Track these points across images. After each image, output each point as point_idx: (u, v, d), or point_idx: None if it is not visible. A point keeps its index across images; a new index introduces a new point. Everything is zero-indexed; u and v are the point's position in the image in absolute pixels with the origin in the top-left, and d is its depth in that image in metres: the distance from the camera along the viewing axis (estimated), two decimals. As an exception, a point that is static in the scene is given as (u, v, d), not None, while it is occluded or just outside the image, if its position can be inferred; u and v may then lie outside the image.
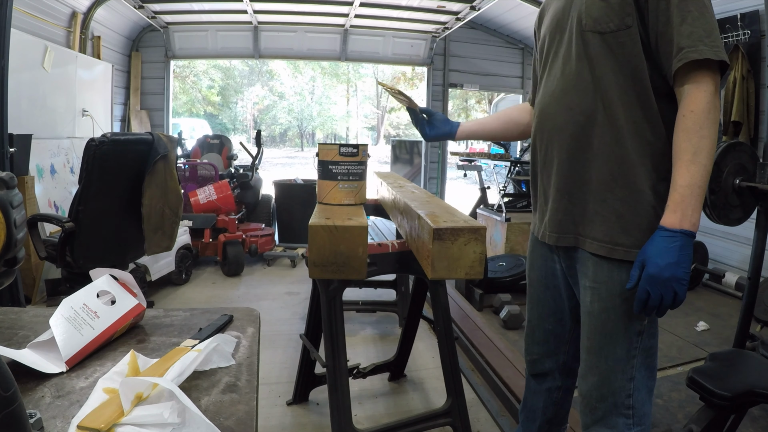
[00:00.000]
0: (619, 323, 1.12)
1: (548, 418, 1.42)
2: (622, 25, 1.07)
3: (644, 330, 1.13)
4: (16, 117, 3.08)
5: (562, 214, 1.19)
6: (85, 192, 2.35)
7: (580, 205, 1.16)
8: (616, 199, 1.10)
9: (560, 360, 1.38)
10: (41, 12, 4.02)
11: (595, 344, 1.15)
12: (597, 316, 1.14)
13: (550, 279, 1.33)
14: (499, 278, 3.59)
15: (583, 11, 1.11)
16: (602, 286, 1.13)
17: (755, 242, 2.46)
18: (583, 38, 1.12)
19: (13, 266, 0.53)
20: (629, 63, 1.08)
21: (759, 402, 1.42)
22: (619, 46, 1.08)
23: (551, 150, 1.21)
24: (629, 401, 1.14)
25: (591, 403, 1.18)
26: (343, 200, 1.81)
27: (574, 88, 1.14)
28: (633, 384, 1.14)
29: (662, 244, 1.01)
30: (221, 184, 4.38)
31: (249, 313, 1.04)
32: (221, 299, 3.62)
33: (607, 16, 1.08)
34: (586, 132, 1.13)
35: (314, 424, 2.05)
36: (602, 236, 1.12)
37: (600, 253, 1.12)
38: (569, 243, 1.19)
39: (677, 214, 1.01)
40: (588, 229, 1.14)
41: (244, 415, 0.69)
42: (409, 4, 5.26)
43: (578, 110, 1.14)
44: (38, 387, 0.73)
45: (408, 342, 2.29)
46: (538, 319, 1.38)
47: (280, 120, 23.45)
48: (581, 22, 1.12)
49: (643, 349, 1.14)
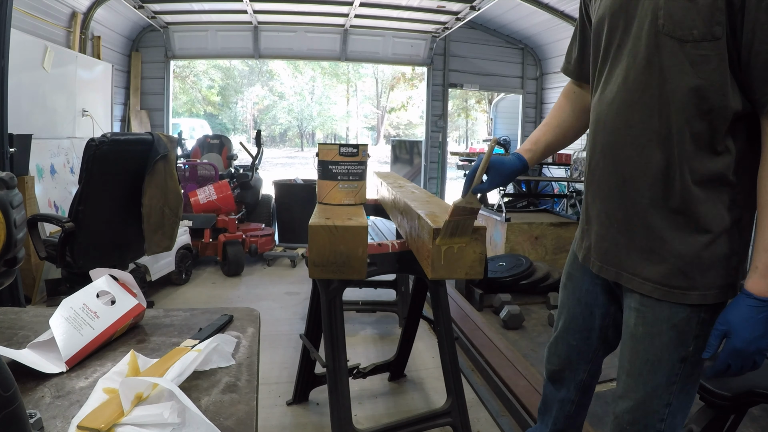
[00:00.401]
0: (664, 350, 1.02)
1: (558, 429, 1.39)
2: (709, 34, 0.87)
3: (688, 357, 1.02)
4: (16, 117, 3.08)
5: (607, 243, 1.07)
6: (85, 192, 2.35)
7: (630, 238, 1.03)
8: (676, 239, 0.97)
9: (579, 377, 1.32)
10: (41, 12, 4.02)
11: (635, 369, 1.06)
12: (640, 340, 1.05)
13: (583, 295, 1.25)
14: (499, 278, 3.59)
15: (662, 6, 0.90)
16: (649, 310, 1.03)
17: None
18: (657, 41, 0.92)
19: (13, 266, 0.53)
20: (709, 81, 0.90)
21: (759, 402, 1.42)
22: (702, 60, 0.89)
23: (600, 166, 1.07)
24: (661, 425, 1.06)
25: (621, 425, 1.10)
26: (343, 200, 1.81)
27: (638, 103, 0.97)
28: (669, 410, 1.05)
29: (750, 315, 0.90)
30: (221, 184, 4.38)
31: (249, 313, 1.04)
32: (221, 299, 3.62)
33: (691, 20, 0.88)
34: (644, 155, 0.97)
35: (314, 424, 2.05)
36: (657, 278, 1.00)
37: (653, 296, 1.00)
38: (611, 277, 1.08)
39: (765, 281, 0.90)
40: (639, 267, 1.02)
41: (244, 415, 0.69)
42: (409, 4, 5.26)
43: (639, 129, 0.97)
44: (38, 387, 0.73)
45: (408, 342, 2.29)
46: (563, 331, 1.31)
47: (280, 120, 23.45)
48: (656, 19, 0.91)
49: (686, 375, 1.03)
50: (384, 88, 22.96)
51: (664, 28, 0.91)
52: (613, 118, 1.02)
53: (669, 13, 0.90)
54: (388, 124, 23.96)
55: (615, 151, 1.02)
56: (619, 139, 1.01)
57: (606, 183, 1.06)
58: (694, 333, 1.00)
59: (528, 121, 7.11)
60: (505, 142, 5.13)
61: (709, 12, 0.87)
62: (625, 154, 1.00)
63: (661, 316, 1.01)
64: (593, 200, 1.10)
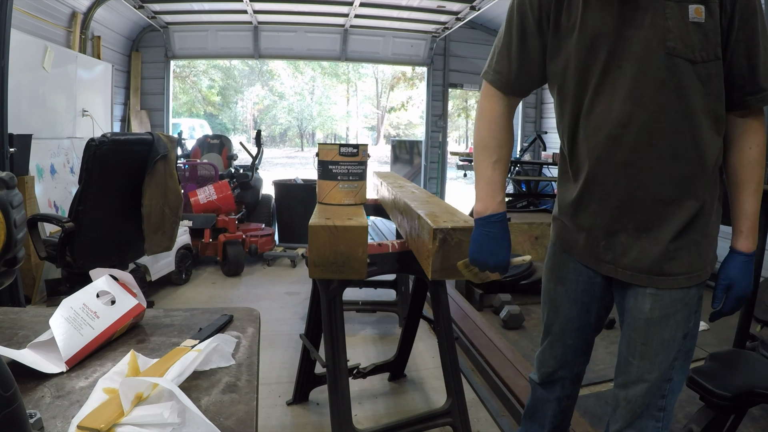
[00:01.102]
0: (676, 329, 1.12)
1: (555, 425, 1.40)
2: (714, 56, 1.00)
3: (689, 332, 1.14)
4: (16, 117, 3.08)
5: (637, 253, 1.12)
6: (85, 192, 2.35)
7: (659, 245, 1.10)
8: (696, 232, 1.10)
9: (574, 371, 1.35)
10: (41, 12, 4.02)
11: (651, 350, 1.12)
12: (657, 322, 1.12)
13: (580, 295, 1.27)
14: (499, 278, 3.58)
15: (672, 29, 0.99)
16: (666, 293, 1.11)
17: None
18: (669, 62, 1.00)
19: (13, 266, 0.53)
20: (714, 95, 1.03)
21: (759, 402, 1.42)
22: (708, 79, 1.01)
23: (620, 185, 1.10)
24: (662, 402, 1.14)
25: (634, 408, 1.15)
26: (343, 200, 1.81)
27: (660, 122, 1.03)
28: (669, 386, 1.14)
29: (745, 269, 1.12)
30: (221, 184, 4.39)
31: (249, 313, 1.04)
32: (221, 299, 3.62)
33: (701, 43, 0.99)
34: (669, 170, 1.06)
35: (314, 424, 2.05)
36: (684, 269, 1.10)
37: (683, 285, 1.11)
38: (643, 283, 1.13)
39: (750, 241, 1.11)
40: (667, 267, 1.10)
41: (244, 415, 0.69)
42: (409, 4, 5.26)
43: (663, 147, 1.05)
44: (38, 387, 0.73)
45: (408, 342, 2.29)
46: (560, 334, 1.33)
47: (280, 120, 23.44)
48: (665, 41, 0.99)
49: (685, 351, 1.14)
50: (384, 88, 22.97)
51: (676, 50, 0.99)
52: (634, 138, 1.05)
53: (679, 36, 0.99)
54: (388, 124, 23.96)
55: (638, 169, 1.07)
56: (643, 155, 1.06)
57: (630, 200, 1.10)
58: (695, 308, 1.14)
59: (528, 121, 7.11)
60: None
61: (713, 35, 0.99)
62: (650, 169, 1.07)
63: (677, 296, 1.11)
64: (612, 217, 1.13)
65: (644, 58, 1.02)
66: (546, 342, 1.37)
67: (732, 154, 1.10)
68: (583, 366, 1.37)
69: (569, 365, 1.35)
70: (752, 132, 1.08)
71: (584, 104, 1.10)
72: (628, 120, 1.05)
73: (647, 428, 1.14)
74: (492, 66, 1.20)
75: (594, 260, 1.20)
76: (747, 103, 1.06)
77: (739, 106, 1.07)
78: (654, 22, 1.00)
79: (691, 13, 0.98)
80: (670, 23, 0.99)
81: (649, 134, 1.04)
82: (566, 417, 1.42)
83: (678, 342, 1.12)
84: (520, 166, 4.73)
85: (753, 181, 1.09)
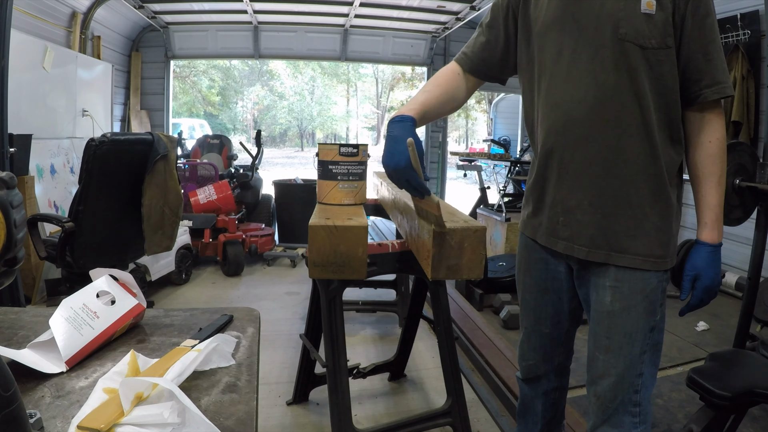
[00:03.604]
0: (639, 321, 1.13)
1: (548, 419, 1.41)
2: (663, 44, 1.08)
3: (656, 326, 1.15)
4: (16, 117, 3.08)
5: (594, 229, 1.15)
6: (85, 192, 2.35)
7: (616, 221, 1.13)
8: (655, 214, 1.13)
9: (555, 362, 1.37)
10: (41, 12, 4.02)
11: (615, 344, 1.15)
12: (617, 315, 1.14)
13: (549, 282, 1.30)
14: (499, 278, 3.58)
15: (622, 19, 1.08)
16: (624, 284, 1.14)
17: (755, 242, 2.46)
18: (622, 47, 1.08)
19: (13, 266, 0.53)
20: (664, 80, 1.10)
21: (759, 402, 1.42)
22: (657, 64, 1.09)
23: (576, 159, 1.15)
24: (636, 398, 1.15)
25: (605, 403, 1.17)
26: (343, 200, 1.81)
27: (612, 99, 1.10)
28: (641, 380, 1.15)
29: (710, 259, 1.15)
30: (221, 184, 4.39)
31: (249, 313, 1.04)
32: (221, 299, 3.63)
33: (649, 31, 1.07)
34: (620, 145, 1.11)
35: (314, 424, 2.05)
36: (644, 251, 1.13)
37: (644, 267, 1.13)
38: (600, 259, 1.15)
39: (715, 232, 1.15)
40: (626, 244, 1.13)
41: (244, 415, 0.69)
42: (409, 4, 5.26)
43: (615, 123, 1.11)
44: (38, 387, 0.73)
45: (408, 342, 2.29)
46: (534, 324, 1.36)
47: (280, 120, 23.44)
48: (618, 29, 1.08)
49: (653, 344, 1.16)
50: (384, 88, 22.97)
51: (627, 36, 1.07)
52: (586, 114, 1.12)
53: (631, 24, 1.07)
54: (388, 124, 23.92)
55: (592, 143, 1.13)
56: (596, 132, 1.12)
57: (586, 174, 1.14)
58: (660, 301, 1.15)
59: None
60: (505, 142, 5.12)
61: (663, 26, 1.07)
62: (602, 144, 1.12)
63: (636, 288, 1.13)
64: (570, 192, 1.17)
65: (598, 44, 1.10)
66: (523, 334, 1.40)
67: (693, 149, 1.15)
68: (564, 358, 1.37)
69: (549, 357, 1.36)
70: (711, 127, 1.13)
71: (544, 84, 1.19)
72: (583, 97, 1.12)
73: (624, 424, 1.15)
74: (461, 50, 1.35)
75: (553, 240, 1.23)
76: (704, 96, 1.11)
77: (697, 101, 1.12)
78: (610, 12, 1.09)
79: (643, 6, 1.07)
80: (621, 14, 1.08)
81: (602, 110, 1.11)
82: (557, 409, 1.42)
83: (643, 334, 1.14)
84: (519, 166, 4.72)
85: (715, 174, 1.13)
